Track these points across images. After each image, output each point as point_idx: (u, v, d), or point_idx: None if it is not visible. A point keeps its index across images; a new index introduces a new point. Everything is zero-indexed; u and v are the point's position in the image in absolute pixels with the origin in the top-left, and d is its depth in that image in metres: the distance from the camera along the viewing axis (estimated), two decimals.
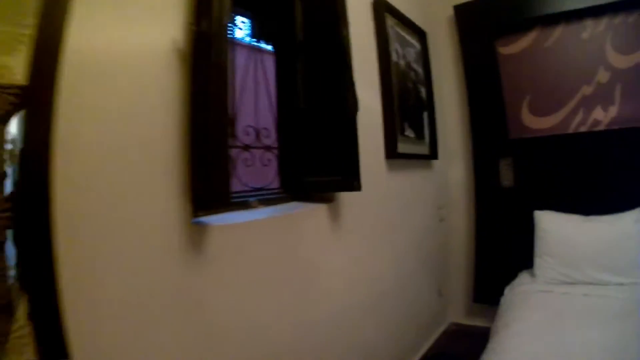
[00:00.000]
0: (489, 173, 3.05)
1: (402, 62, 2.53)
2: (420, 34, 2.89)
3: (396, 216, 2.45)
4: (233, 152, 1.74)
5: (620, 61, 2.81)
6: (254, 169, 1.82)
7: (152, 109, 1.16)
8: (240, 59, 1.88)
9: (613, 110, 2.81)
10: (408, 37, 2.69)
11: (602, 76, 2.85)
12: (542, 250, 2.60)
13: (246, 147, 1.78)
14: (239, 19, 1.94)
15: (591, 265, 2.41)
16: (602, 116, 2.84)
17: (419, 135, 2.69)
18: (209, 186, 1.22)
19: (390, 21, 2.42)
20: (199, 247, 1.26)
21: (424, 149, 2.79)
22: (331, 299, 1.83)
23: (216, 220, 1.35)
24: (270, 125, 1.92)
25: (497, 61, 3.06)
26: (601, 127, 2.83)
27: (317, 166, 1.80)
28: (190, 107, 1.24)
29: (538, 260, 2.59)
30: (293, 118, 1.89)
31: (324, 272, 1.79)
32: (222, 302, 1.32)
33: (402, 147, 2.38)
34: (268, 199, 1.75)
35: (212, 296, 1.29)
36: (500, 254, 3.00)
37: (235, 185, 1.75)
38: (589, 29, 2.89)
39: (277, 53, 1.99)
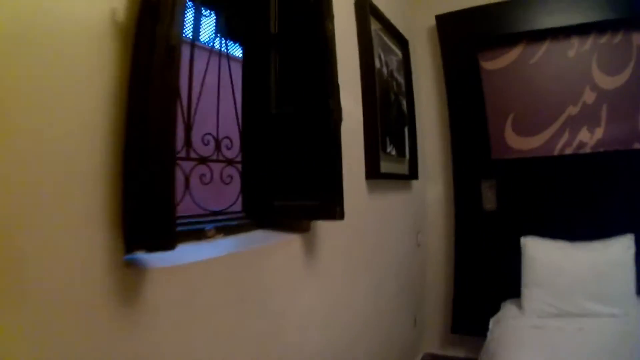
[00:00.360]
0: (470, 195, 2.78)
1: (384, 70, 2.22)
2: (402, 42, 2.60)
3: (375, 244, 2.11)
4: (187, 165, 1.38)
5: (607, 82, 2.65)
6: (213, 187, 1.45)
7: (75, 101, 0.80)
8: (201, 63, 1.52)
9: (599, 132, 2.65)
10: (390, 44, 2.40)
11: (588, 96, 2.68)
12: (530, 280, 2.36)
13: (203, 160, 1.41)
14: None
15: (581, 295, 2.23)
16: (588, 138, 2.66)
17: (400, 153, 2.38)
18: (147, 213, 0.85)
19: (374, 24, 2.12)
20: (134, 297, 0.89)
21: (404, 168, 2.48)
22: (303, 348, 1.47)
23: (159, 258, 0.97)
24: (233, 134, 1.56)
25: (480, 76, 2.81)
26: (587, 150, 2.66)
27: (289, 186, 1.44)
28: (127, 101, 0.88)
29: (526, 291, 2.35)
30: (262, 126, 1.53)
31: (295, 317, 1.43)
32: None
33: (385, 166, 2.06)
34: (228, 227, 1.37)
35: None
36: (481, 282, 2.74)
37: (188, 207, 1.38)
38: (575, 47, 2.72)
39: (246, 49, 1.64)
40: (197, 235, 1.28)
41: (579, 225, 2.53)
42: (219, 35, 1.64)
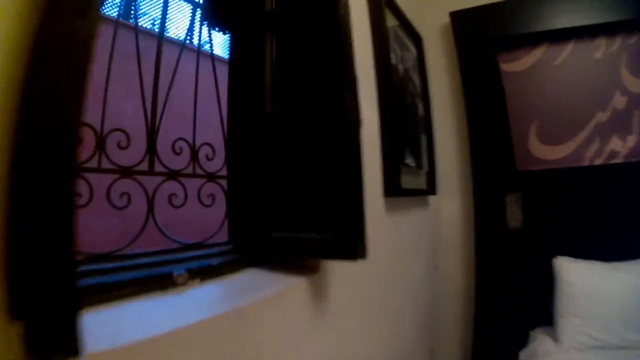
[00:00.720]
0: (493, 211, 2.34)
1: (401, 67, 1.81)
2: (416, 38, 2.19)
3: (392, 275, 1.66)
4: (151, 182, 0.95)
5: (638, 85, 2.25)
6: (187, 211, 1.03)
7: None
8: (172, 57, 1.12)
9: (632, 140, 2.26)
10: (405, 39, 1.98)
11: (618, 101, 2.28)
12: (567, 308, 1.94)
13: (173, 174, 0.99)
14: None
15: (625, 324, 1.83)
16: (620, 146, 2.26)
17: (418, 164, 1.95)
18: (27, 282, 0.43)
19: (388, 15, 1.71)
20: None
21: (422, 182, 2.05)
22: None
23: (90, 328, 0.54)
24: (216, 142, 1.14)
25: (500, 78, 2.40)
26: (619, 159, 2.25)
27: (292, 211, 1.01)
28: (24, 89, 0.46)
29: (562, 321, 1.93)
30: (254, 129, 1.10)
31: None
32: None
33: (405, 181, 1.63)
34: (208, 268, 0.94)
35: None
36: (505, 308, 2.30)
37: (152, 239, 0.96)
38: (602, 48, 2.32)
39: (234, 32, 1.22)
40: (162, 282, 0.84)
41: (614, 243, 2.12)
42: (202, 23, 1.24)
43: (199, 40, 1.23)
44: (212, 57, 1.22)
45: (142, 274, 0.83)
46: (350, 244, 0.89)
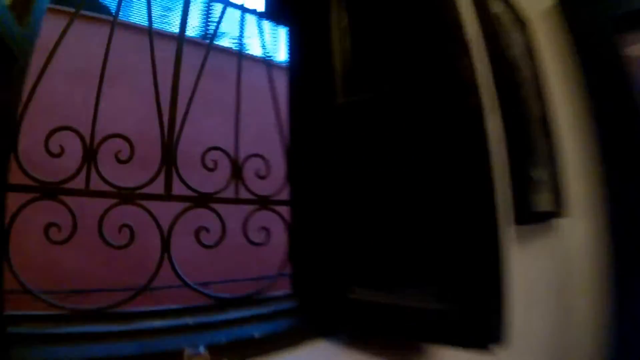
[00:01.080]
0: (632, 233, 1.74)
1: (509, 56, 1.36)
2: (522, 25, 1.72)
3: (521, 333, 1.10)
4: (169, 211, 0.62)
5: None
6: (226, 250, 0.69)
7: None
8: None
9: None
10: (510, 25, 1.53)
11: None
12: None
13: (203, 199, 0.65)
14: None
15: None
16: None
17: (543, 178, 1.42)
18: None
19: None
20: None
21: (548, 201, 1.45)
22: None
23: None
24: (273, 153, 0.79)
25: (625, 64, 1.83)
26: None
27: (381, 257, 0.60)
28: None
29: None
30: (326, 134, 0.73)
31: None
32: None
33: (534, 201, 1.16)
34: (245, 342, 0.57)
35: None
36: None
37: (171, 292, 0.63)
38: None
39: (294, 11, 0.89)
40: None
41: None
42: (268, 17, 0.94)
43: (241, 35, 0.91)
44: (265, 58, 0.90)
45: (140, 346, 0.51)
46: (482, 321, 0.47)
